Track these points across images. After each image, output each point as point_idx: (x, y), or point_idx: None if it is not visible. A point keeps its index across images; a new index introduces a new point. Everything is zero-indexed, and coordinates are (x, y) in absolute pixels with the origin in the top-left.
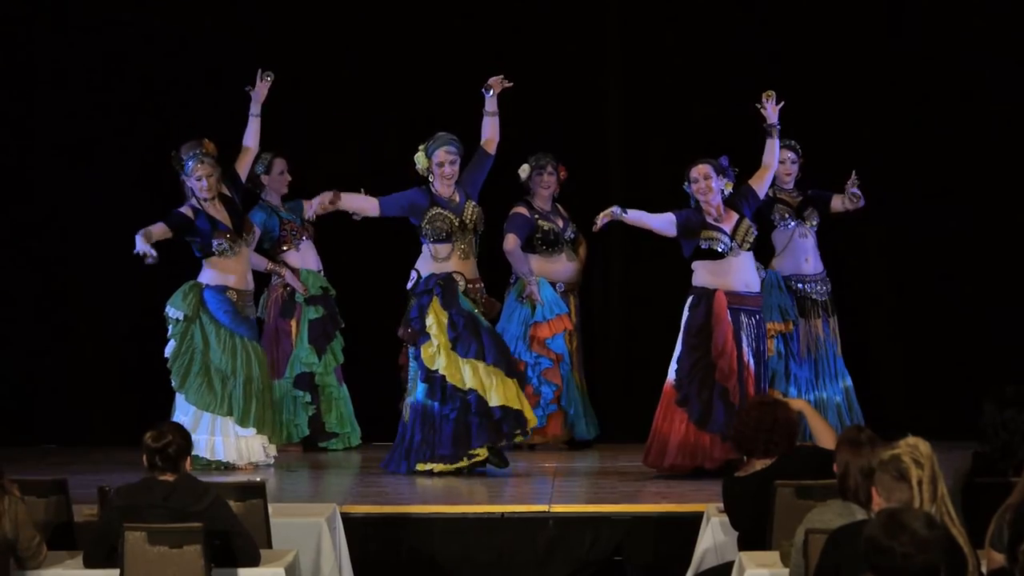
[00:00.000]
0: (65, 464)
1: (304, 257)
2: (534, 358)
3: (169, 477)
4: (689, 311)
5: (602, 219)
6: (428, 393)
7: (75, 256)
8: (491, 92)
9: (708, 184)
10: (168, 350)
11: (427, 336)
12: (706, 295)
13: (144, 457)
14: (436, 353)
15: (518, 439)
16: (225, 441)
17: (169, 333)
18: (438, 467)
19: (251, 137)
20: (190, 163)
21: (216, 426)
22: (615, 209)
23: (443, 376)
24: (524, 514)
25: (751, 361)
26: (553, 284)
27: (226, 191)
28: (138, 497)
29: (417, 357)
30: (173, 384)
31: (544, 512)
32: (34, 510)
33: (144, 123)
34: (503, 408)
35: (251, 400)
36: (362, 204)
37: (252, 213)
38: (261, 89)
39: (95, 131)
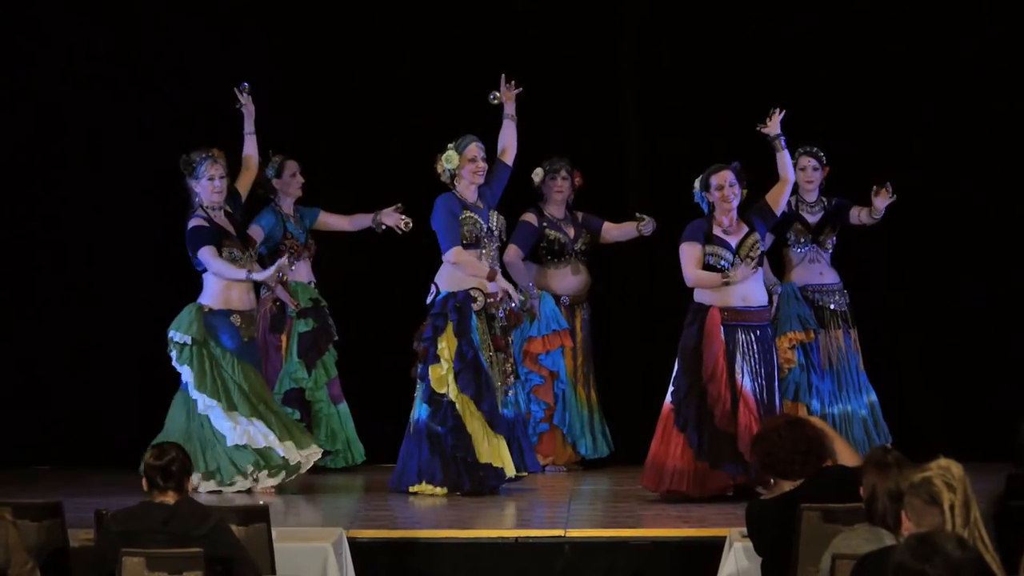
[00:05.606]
0: (60, 486)
1: (296, 270)
2: (524, 374)
3: (169, 498)
4: (684, 330)
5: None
6: (431, 416)
7: (71, 273)
8: (496, 99)
9: (733, 191)
10: (186, 376)
11: (438, 359)
12: (700, 313)
13: (144, 478)
14: (445, 378)
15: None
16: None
17: (177, 358)
18: (429, 489)
19: (250, 155)
20: (203, 165)
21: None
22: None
23: (452, 404)
24: (538, 539)
25: (746, 381)
26: (557, 298)
27: (228, 208)
28: (136, 521)
29: (424, 377)
30: (211, 404)
31: (559, 537)
32: (27, 534)
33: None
34: (487, 465)
35: (270, 416)
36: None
37: (261, 215)
38: (249, 106)
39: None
